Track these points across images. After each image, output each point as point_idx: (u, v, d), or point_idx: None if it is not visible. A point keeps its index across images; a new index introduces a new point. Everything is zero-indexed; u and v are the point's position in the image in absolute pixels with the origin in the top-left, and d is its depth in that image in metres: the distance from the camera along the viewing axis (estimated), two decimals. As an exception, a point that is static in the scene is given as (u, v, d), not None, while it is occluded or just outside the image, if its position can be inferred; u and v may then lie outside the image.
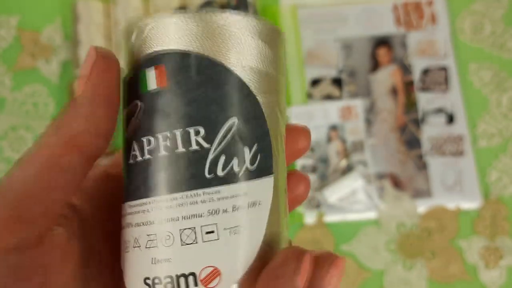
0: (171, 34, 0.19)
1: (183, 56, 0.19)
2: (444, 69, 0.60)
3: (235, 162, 0.19)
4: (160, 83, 0.20)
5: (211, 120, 0.19)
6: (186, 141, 0.19)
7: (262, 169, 0.19)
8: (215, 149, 0.19)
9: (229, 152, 0.19)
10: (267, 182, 0.20)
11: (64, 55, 0.61)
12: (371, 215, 0.56)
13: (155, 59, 0.20)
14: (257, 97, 0.20)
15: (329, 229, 0.55)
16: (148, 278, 0.18)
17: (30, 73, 0.61)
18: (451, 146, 0.58)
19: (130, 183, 0.19)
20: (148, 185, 0.19)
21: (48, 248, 0.17)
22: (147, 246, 0.19)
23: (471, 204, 0.56)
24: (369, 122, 0.58)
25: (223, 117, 0.19)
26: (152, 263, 0.18)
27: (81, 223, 0.20)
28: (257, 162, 0.19)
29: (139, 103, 0.20)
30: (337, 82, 0.60)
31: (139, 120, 0.19)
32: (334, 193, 0.55)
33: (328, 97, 0.59)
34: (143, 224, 0.19)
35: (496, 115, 0.59)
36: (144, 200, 0.19)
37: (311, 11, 0.62)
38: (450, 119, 0.58)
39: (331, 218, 0.56)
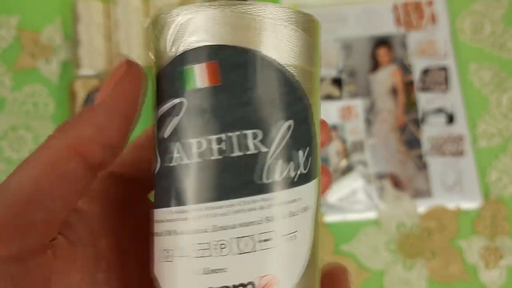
0: (223, 28, 0.18)
1: (238, 52, 0.18)
2: (444, 69, 0.60)
3: (291, 166, 0.18)
4: (212, 80, 0.18)
5: (269, 122, 0.18)
6: (243, 144, 0.17)
7: (311, 173, 0.19)
8: (273, 153, 0.18)
9: (286, 156, 0.18)
10: (314, 186, 0.19)
11: (64, 55, 0.61)
12: (371, 215, 0.56)
13: (205, 55, 0.18)
14: (308, 98, 0.19)
15: (329, 229, 0.55)
16: None
17: (30, 73, 0.61)
18: (451, 146, 0.58)
19: (171, 187, 0.18)
20: (198, 190, 0.17)
21: (50, 258, 0.17)
22: (197, 256, 0.17)
23: (471, 204, 0.56)
24: (369, 122, 0.58)
25: (280, 119, 0.18)
26: (204, 273, 0.17)
27: (87, 229, 0.19)
28: (308, 165, 0.18)
29: (183, 101, 0.18)
30: (337, 82, 0.60)
31: (183, 120, 0.18)
32: (334, 193, 0.55)
33: (328, 97, 0.59)
34: (192, 232, 0.17)
35: (496, 115, 0.59)
36: (193, 206, 0.17)
37: (311, 11, 0.62)
38: (450, 119, 0.58)
39: (331, 218, 0.56)
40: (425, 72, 0.60)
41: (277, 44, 0.18)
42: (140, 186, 0.22)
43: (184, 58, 0.18)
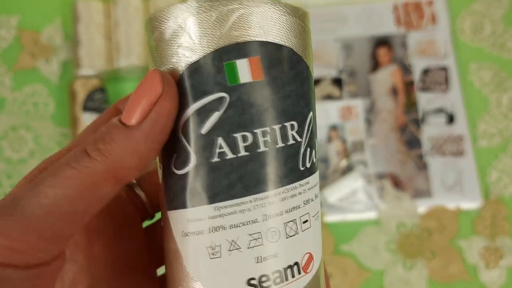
0: (266, 24, 0.18)
1: (278, 49, 0.18)
2: (444, 69, 0.60)
3: (313, 153, 0.20)
4: (255, 75, 0.18)
5: (301, 114, 0.19)
6: (284, 136, 0.19)
7: (317, 159, 0.21)
8: (305, 142, 0.19)
9: (311, 144, 0.20)
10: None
11: (64, 55, 0.61)
12: (371, 215, 0.56)
13: (248, 50, 0.18)
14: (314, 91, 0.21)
15: (329, 229, 0.55)
16: (253, 279, 0.18)
17: (30, 73, 0.61)
18: (451, 146, 0.58)
19: (213, 183, 0.18)
20: (246, 183, 0.18)
21: (55, 268, 0.17)
22: (249, 246, 0.18)
23: (471, 204, 0.56)
24: (369, 122, 0.58)
25: (307, 112, 0.19)
26: (257, 262, 0.18)
27: (88, 251, 0.19)
28: (318, 152, 0.21)
29: (224, 96, 0.18)
30: (337, 82, 0.60)
31: (225, 115, 0.18)
32: (334, 193, 0.55)
33: (328, 97, 0.59)
34: (242, 224, 0.18)
35: (496, 115, 0.59)
36: (242, 199, 0.18)
37: (311, 11, 0.62)
38: (450, 119, 0.58)
39: (331, 218, 0.56)
40: (425, 72, 0.60)
41: (300, 41, 0.19)
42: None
43: (223, 53, 0.18)
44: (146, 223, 0.24)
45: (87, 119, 0.55)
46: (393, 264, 0.54)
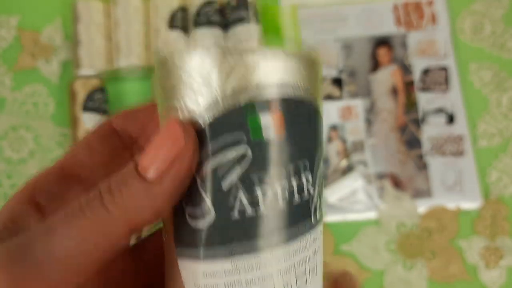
0: (288, 79, 0.18)
1: (298, 102, 0.18)
2: (444, 69, 0.60)
3: (322, 202, 0.20)
4: (278, 131, 0.18)
5: (316, 165, 0.19)
6: (301, 189, 0.18)
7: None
8: (316, 193, 0.19)
9: (320, 194, 0.20)
10: None
11: (64, 55, 0.61)
12: (371, 215, 0.56)
13: (270, 104, 0.17)
14: None
15: (329, 229, 0.55)
16: None
17: (30, 73, 0.61)
18: (451, 146, 0.58)
19: (233, 238, 0.18)
20: (264, 238, 0.18)
21: None
22: None
23: (471, 204, 0.56)
24: (369, 122, 0.58)
25: (320, 161, 0.20)
26: None
27: None
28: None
29: (247, 151, 0.17)
30: (337, 82, 0.60)
31: (247, 171, 0.18)
32: (334, 193, 0.55)
33: (329, 97, 0.59)
34: (258, 279, 0.18)
35: (496, 115, 0.59)
36: (260, 254, 0.18)
37: (311, 11, 0.62)
38: (450, 119, 0.58)
39: (331, 218, 0.56)
40: (425, 72, 0.60)
41: (317, 91, 0.19)
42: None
43: (249, 107, 0.17)
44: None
45: (87, 119, 0.55)
46: (393, 264, 0.55)
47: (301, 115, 0.18)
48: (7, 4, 0.63)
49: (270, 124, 0.18)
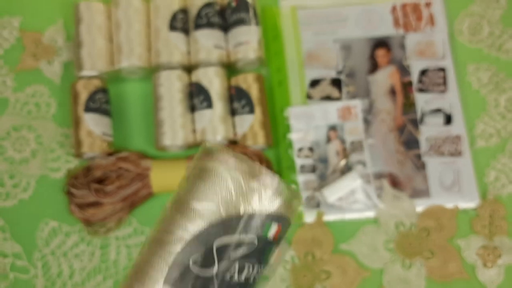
0: (289, 204, 0.34)
1: (287, 220, 0.35)
2: (442, 70, 0.60)
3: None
4: (276, 237, 0.33)
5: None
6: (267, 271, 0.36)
7: None
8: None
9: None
10: None
11: (66, 56, 0.61)
12: (370, 214, 0.56)
13: (278, 217, 0.33)
14: None
15: (328, 228, 0.56)
16: None
17: (32, 73, 0.61)
18: (449, 146, 0.58)
19: None
20: None
21: None
22: None
23: (469, 203, 0.56)
24: (368, 122, 0.59)
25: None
26: None
27: None
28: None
29: (256, 241, 0.32)
30: (337, 83, 0.60)
31: (249, 253, 0.32)
32: (333, 193, 0.56)
33: (328, 98, 0.60)
34: None
35: (494, 115, 0.60)
36: None
37: (310, 12, 0.62)
38: (449, 119, 0.59)
39: (330, 217, 0.56)
40: (424, 73, 0.60)
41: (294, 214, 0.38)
42: None
43: (269, 216, 0.33)
44: None
45: (89, 119, 0.55)
46: (392, 263, 0.55)
47: (287, 230, 0.36)
48: (9, 5, 0.63)
49: (274, 230, 0.33)
